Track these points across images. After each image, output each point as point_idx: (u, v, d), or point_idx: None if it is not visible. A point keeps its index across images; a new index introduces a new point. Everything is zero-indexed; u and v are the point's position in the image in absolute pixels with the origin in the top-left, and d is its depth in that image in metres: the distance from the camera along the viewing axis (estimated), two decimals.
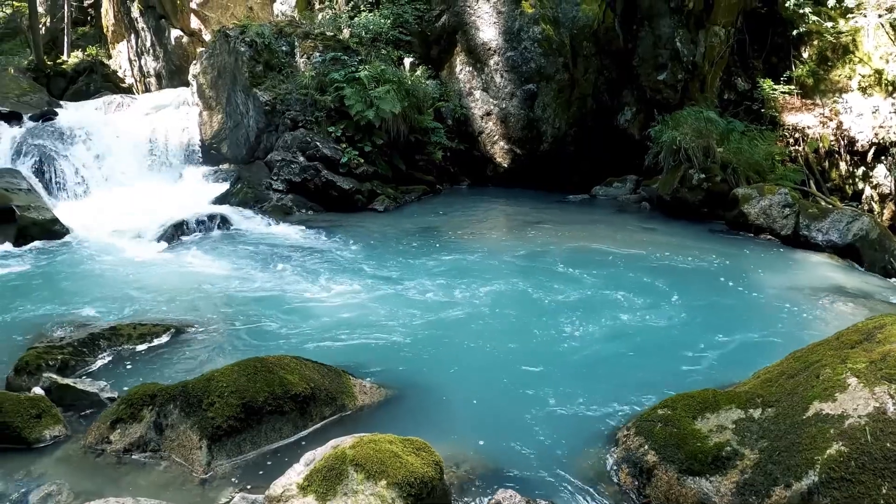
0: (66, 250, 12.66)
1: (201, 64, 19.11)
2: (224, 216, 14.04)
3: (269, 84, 17.36)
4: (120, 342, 7.82)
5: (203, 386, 5.75)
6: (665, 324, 8.54)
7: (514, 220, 14.68)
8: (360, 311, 8.97)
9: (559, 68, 16.85)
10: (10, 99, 21.81)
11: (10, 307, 9.50)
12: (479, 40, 17.48)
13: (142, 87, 29.44)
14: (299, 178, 15.53)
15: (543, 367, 7.29)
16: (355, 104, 16.00)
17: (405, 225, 13.90)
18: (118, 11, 30.97)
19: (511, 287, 9.82)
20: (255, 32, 18.03)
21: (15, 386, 6.72)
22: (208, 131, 18.48)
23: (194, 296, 9.73)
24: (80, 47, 32.99)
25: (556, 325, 8.43)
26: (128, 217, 14.37)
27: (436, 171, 17.39)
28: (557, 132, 17.08)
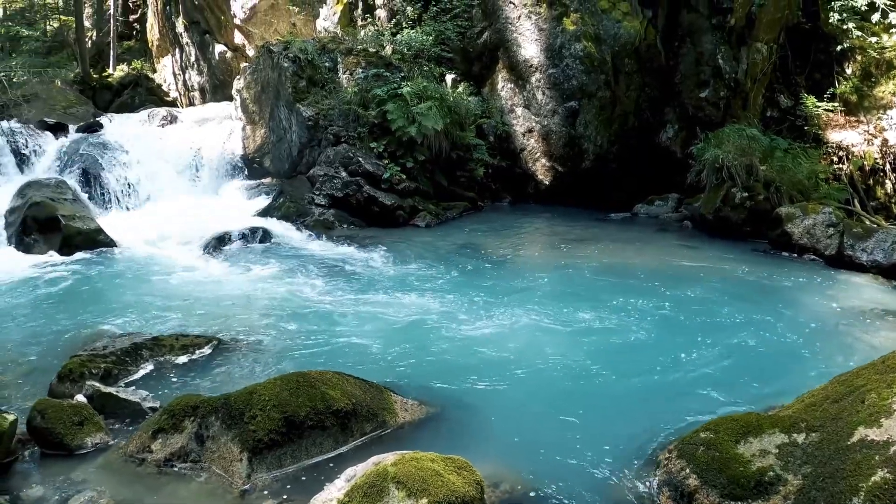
0: (109, 260, 12.84)
1: (245, 79, 19.28)
2: (266, 230, 14.15)
3: (312, 99, 17.47)
4: (162, 353, 7.89)
5: (245, 399, 5.78)
6: (706, 345, 8.46)
7: (555, 238, 14.61)
8: (401, 327, 8.99)
9: (601, 85, 16.77)
10: (56, 111, 22.08)
11: (54, 315, 9.66)
12: (520, 57, 17.46)
13: (186, 101, 29.69)
14: (341, 193, 15.60)
15: (584, 387, 7.26)
16: (398, 120, 16.05)
17: (446, 242, 13.89)
18: (163, 26, 31.28)
19: (551, 306, 9.75)
20: (298, 48, 18.15)
21: (58, 393, 6.80)
22: (251, 145, 18.62)
23: (236, 308, 9.81)
24: (126, 61, 33.33)
25: (596, 345, 8.40)
26: (171, 228, 14.50)
27: (477, 188, 17.35)
28: (599, 150, 17.01)
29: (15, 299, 10.49)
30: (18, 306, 10.18)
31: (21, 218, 13.74)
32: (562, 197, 17.38)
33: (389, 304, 9.92)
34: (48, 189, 14.73)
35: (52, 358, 7.98)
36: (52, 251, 13.12)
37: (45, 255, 12.99)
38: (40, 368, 7.74)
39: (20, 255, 13.19)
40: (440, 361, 7.87)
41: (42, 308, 10.03)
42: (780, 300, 10.30)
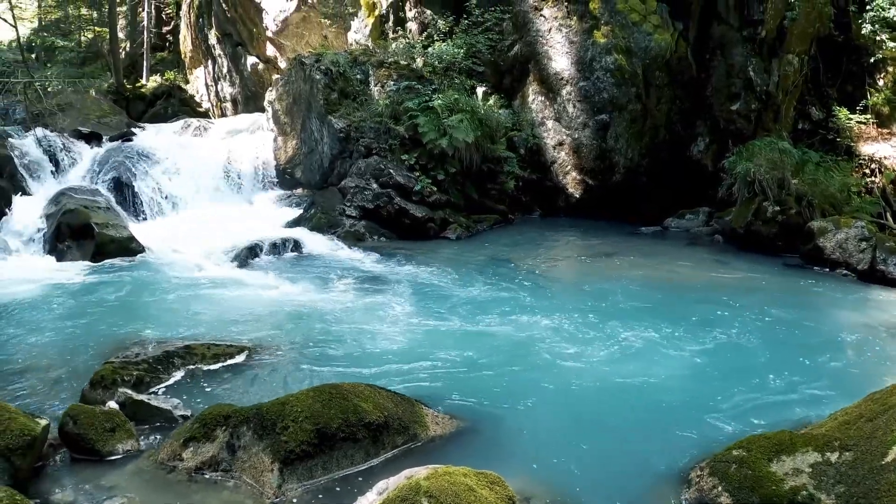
0: (141, 268, 12.90)
1: (277, 90, 19.39)
2: (297, 240, 14.20)
3: (343, 111, 17.54)
4: (194, 361, 7.91)
5: (278, 410, 5.80)
6: (738, 361, 8.41)
7: (586, 251, 14.60)
8: (431, 339, 8.97)
9: (632, 98, 16.75)
10: (90, 120, 22.24)
11: (87, 321, 9.72)
12: (551, 70, 17.47)
13: (218, 112, 29.87)
14: (372, 205, 15.65)
15: (614, 401, 7.23)
16: (429, 132, 16.08)
17: (477, 254, 13.90)
18: (196, 38, 31.49)
19: (581, 320, 9.73)
20: (330, 60, 18.24)
21: (90, 399, 6.83)
22: (283, 156, 18.72)
23: (267, 318, 9.83)
24: (159, 72, 33.57)
25: (625, 359, 8.36)
26: (202, 238, 14.60)
27: (508, 201, 17.33)
28: (630, 163, 16.98)
29: (48, 305, 10.56)
30: (51, 312, 10.24)
31: (55, 224, 13.87)
32: (592, 210, 17.34)
33: (420, 316, 9.92)
34: (82, 197, 14.86)
35: (84, 364, 8.04)
36: (84, 258, 13.24)
37: (78, 262, 13.11)
38: (72, 374, 7.79)
39: (53, 261, 13.36)
40: (471, 374, 7.85)
41: (74, 314, 10.08)
42: (812, 316, 10.23)
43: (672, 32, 16.77)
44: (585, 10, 16.95)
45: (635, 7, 16.65)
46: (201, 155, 18.92)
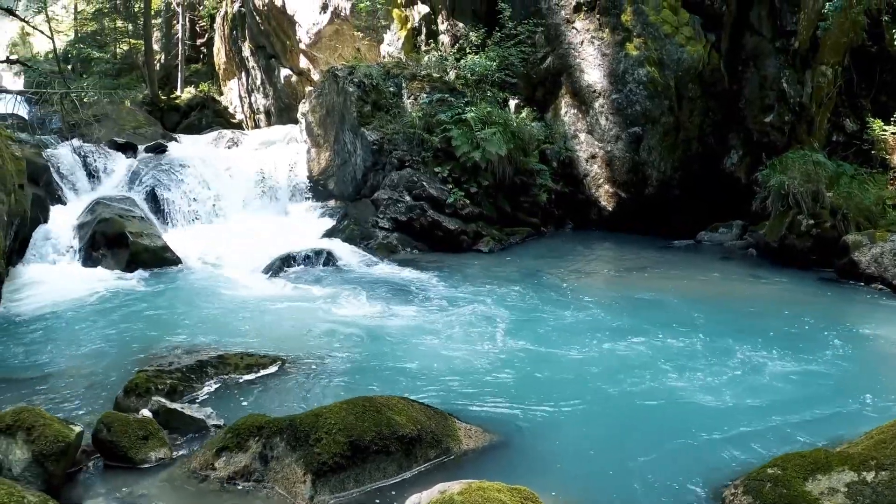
0: (175, 277, 13.03)
1: (310, 102, 19.48)
2: (330, 252, 14.19)
3: (376, 123, 17.58)
4: (227, 371, 7.95)
5: (311, 421, 5.80)
6: (772, 377, 8.31)
7: (619, 265, 14.54)
8: (464, 352, 8.94)
9: (664, 111, 16.67)
10: (126, 131, 22.44)
11: (121, 329, 9.82)
12: (583, 82, 17.43)
13: (252, 123, 30.06)
14: (405, 217, 15.65)
15: (648, 417, 7.18)
16: (462, 145, 16.09)
17: (510, 267, 13.86)
18: (230, 50, 31.72)
19: (614, 334, 9.67)
20: (363, 73, 18.30)
21: (124, 406, 6.88)
22: (316, 168, 18.80)
23: (300, 329, 9.86)
24: (193, 83, 33.86)
25: (659, 375, 8.28)
26: (235, 248, 14.67)
27: (540, 214, 17.28)
28: (663, 176, 16.89)
29: (83, 312, 10.69)
30: (86, 319, 10.36)
31: (90, 233, 13.99)
32: (625, 223, 17.26)
33: (452, 328, 9.90)
34: (117, 206, 14.98)
35: (117, 371, 8.11)
36: (118, 267, 13.35)
37: (113, 271, 13.21)
38: (106, 381, 7.86)
39: (88, 269, 13.46)
40: (504, 387, 7.81)
41: (108, 322, 10.18)
42: (848, 332, 10.09)
43: (704, 44, 16.65)
44: (618, 22, 16.89)
45: (668, 19, 16.59)
46: (235, 166, 19.06)
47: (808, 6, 16.17)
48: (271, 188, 18.71)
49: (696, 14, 16.75)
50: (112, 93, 26.80)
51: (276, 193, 18.67)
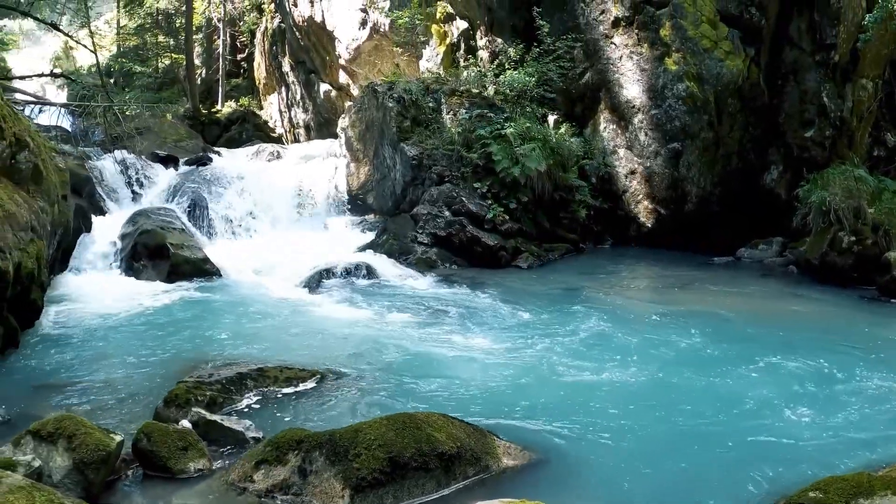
0: (214, 289, 13.08)
1: (350, 117, 19.58)
2: (370, 266, 14.17)
3: (416, 139, 17.62)
4: (266, 384, 7.92)
5: (351, 436, 5.78)
6: (813, 399, 8.15)
7: (658, 282, 14.43)
8: (502, 368, 8.87)
9: (704, 126, 16.53)
10: (167, 144, 22.71)
11: (160, 339, 9.86)
12: (622, 98, 17.37)
13: (291, 138, 30.29)
14: (444, 233, 15.63)
15: (688, 438, 7.07)
16: (501, 161, 16.08)
17: (549, 284, 13.77)
18: (270, 66, 32.00)
19: (654, 353, 9.58)
20: (402, 88, 18.37)
21: (164, 417, 6.89)
22: (355, 182, 18.88)
23: (339, 343, 9.84)
24: (234, 98, 34.21)
25: (698, 394, 8.16)
26: (275, 261, 14.74)
27: (579, 230, 17.22)
28: (702, 192, 16.77)
29: (123, 322, 10.76)
30: (127, 329, 10.44)
31: (131, 244, 14.14)
32: (664, 239, 17.17)
33: (492, 344, 9.84)
34: (158, 218, 15.12)
35: (157, 381, 8.14)
36: (159, 278, 13.46)
37: (153, 282, 13.32)
38: (146, 391, 7.88)
39: (129, 280, 13.61)
40: (543, 405, 7.73)
41: (149, 332, 10.25)
42: (890, 352, 9.95)
43: (744, 58, 16.48)
44: (656, 37, 16.81)
45: (706, 33, 16.47)
46: (275, 179, 19.21)
47: (847, 18, 16.03)
48: (311, 202, 18.81)
49: (734, 28, 16.57)
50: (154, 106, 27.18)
51: (315, 207, 18.78)
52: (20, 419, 7.02)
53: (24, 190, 10.07)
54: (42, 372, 8.64)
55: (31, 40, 48.52)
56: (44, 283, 10.44)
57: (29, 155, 10.22)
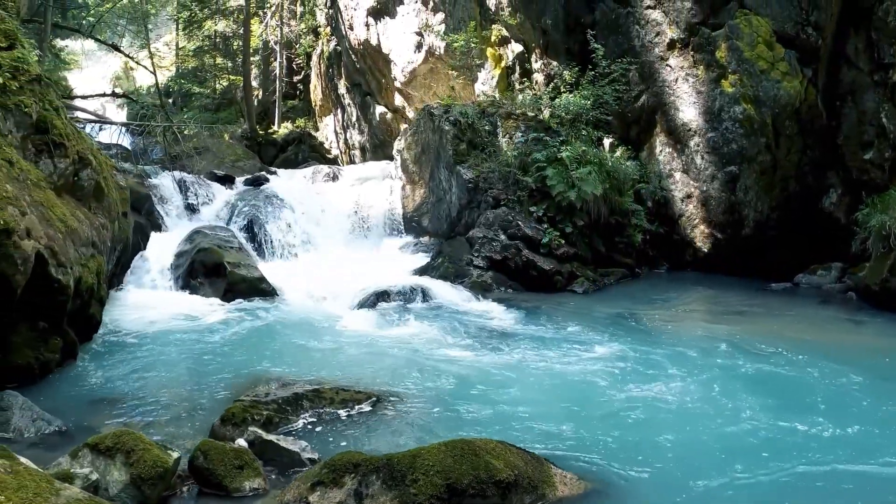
0: (270, 308, 13.14)
1: (406, 140, 19.67)
2: (425, 289, 14.13)
3: (472, 162, 17.65)
4: (322, 405, 7.92)
5: (408, 462, 5.75)
6: (874, 432, 7.97)
7: (714, 309, 14.25)
8: (559, 395, 8.80)
9: (761, 149, 16.32)
10: (225, 163, 23.00)
11: (217, 357, 9.96)
12: (678, 121, 17.26)
13: (347, 159, 30.50)
14: (500, 256, 15.56)
15: (747, 469, 6.90)
16: (557, 185, 16.03)
17: (605, 309, 13.60)
18: (326, 88, 32.27)
19: (713, 382, 9.37)
20: (458, 111, 18.43)
21: (220, 435, 6.93)
22: (410, 204, 18.94)
23: (395, 366, 9.81)
24: (290, 119, 34.58)
25: (758, 426, 7.96)
26: (331, 281, 14.79)
27: (635, 254, 17.10)
28: (760, 216, 16.54)
29: (181, 339, 10.89)
30: (184, 346, 10.57)
31: (189, 262, 14.30)
32: (720, 265, 16.98)
33: (547, 370, 9.75)
34: (215, 236, 15.27)
35: (212, 399, 8.20)
36: (216, 295, 13.59)
37: (210, 299, 13.48)
38: (202, 408, 7.95)
39: (186, 297, 13.75)
40: (599, 433, 7.61)
41: (205, 349, 10.35)
42: None
43: (801, 79, 16.25)
44: (712, 59, 16.71)
45: (763, 55, 16.31)
46: (331, 200, 19.39)
47: None
48: (366, 223, 18.91)
49: (791, 48, 16.37)
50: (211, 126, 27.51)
51: (370, 228, 18.91)
52: (77, 431, 7.14)
53: (85, 206, 10.24)
54: (99, 385, 8.76)
55: (92, 60, 49.41)
56: (103, 298, 10.58)
57: (91, 173, 10.39)
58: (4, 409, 7.10)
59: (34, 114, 9.58)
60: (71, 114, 15.08)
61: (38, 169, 9.51)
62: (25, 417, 7.10)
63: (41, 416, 7.19)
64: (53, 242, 8.65)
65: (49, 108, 9.90)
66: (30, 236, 8.11)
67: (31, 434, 6.98)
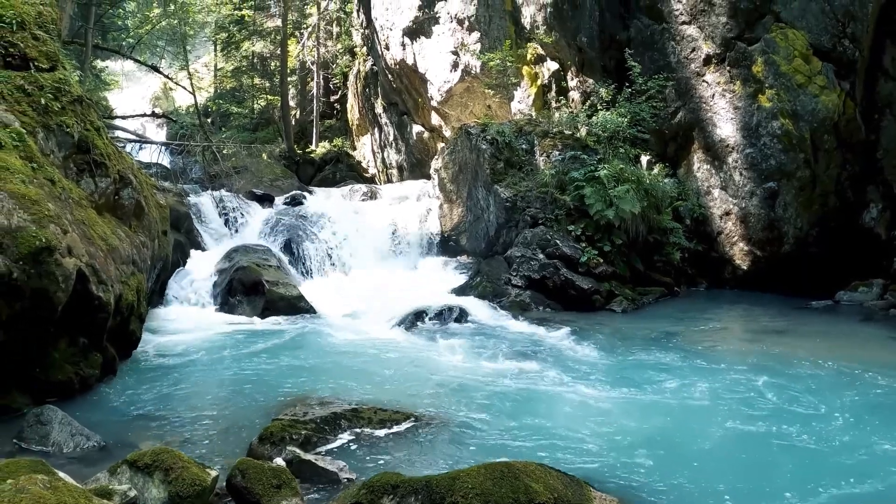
0: (308, 327, 13.22)
1: (443, 159, 19.72)
2: (463, 308, 14.09)
3: (509, 181, 17.66)
4: (360, 425, 7.89)
5: (448, 484, 5.72)
6: None
7: (755, 328, 14.02)
8: (597, 416, 8.69)
9: (800, 164, 16.17)
10: (264, 182, 23.21)
11: (255, 375, 9.99)
12: (716, 137, 17.15)
13: (384, 178, 30.57)
14: (538, 275, 15.52)
15: (792, 494, 6.81)
16: (595, 203, 15.98)
17: (643, 328, 13.47)
18: (363, 107, 32.41)
19: (756, 403, 9.24)
20: (495, 131, 18.46)
21: (258, 453, 6.93)
22: (448, 223, 18.96)
23: (433, 386, 9.78)
24: (327, 138, 34.78)
25: (803, 450, 7.77)
26: (368, 300, 14.85)
27: (673, 272, 17.02)
28: (799, 232, 16.38)
29: (219, 356, 10.98)
30: (222, 363, 10.65)
31: (228, 280, 14.43)
32: (760, 282, 16.80)
33: (586, 391, 9.64)
34: (254, 254, 15.39)
35: (251, 417, 8.21)
36: (254, 313, 13.69)
37: (248, 317, 13.60)
38: (240, 426, 7.95)
39: (224, 314, 13.90)
40: (641, 456, 7.51)
41: (243, 367, 10.40)
42: None
43: (839, 93, 16.14)
44: (749, 73, 16.61)
45: (800, 68, 16.18)
46: (369, 219, 19.48)
47: None
48: (403, 242, 18.95)
49: (828, 62, 16.27)
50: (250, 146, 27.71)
51: (407, 247, 18.92)
52: (116, 447, 7.19)
53: (126, 225, 10.35)
54: (138, 401, 8.82)
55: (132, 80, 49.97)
56: (142, 315, 10.69)
57: (132, 192, 10.50)
58: (44, 424, 7.17)
59: (76, 134, 9.70)
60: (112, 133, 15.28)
61: (79, 188, 9.63)
62: (65, 432, 7.16)
63: (80, 431, 7.25)
64: (94, 260, 8.75)
65: (90, 128, 10.04)
66: (71, 254, 8.20)
67: (70, 449, 7.04)
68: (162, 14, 36.64)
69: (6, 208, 7.69)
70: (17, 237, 7.59)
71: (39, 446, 6.99)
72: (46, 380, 8.29)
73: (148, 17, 38.79)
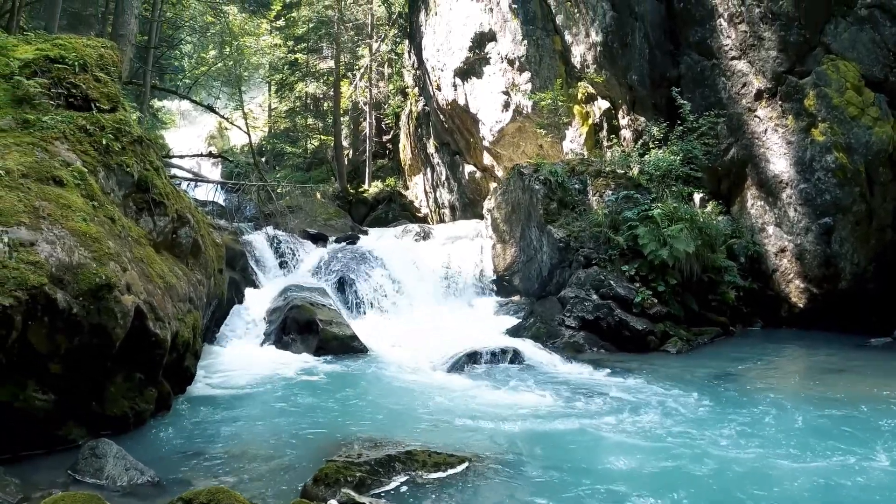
0: (361, 366, 13.23)
1: (496, 199, 19.77)
2: (517, 350, 13.93)
3: (562, 221, 17.68)
4: (414, 467, 7.82)
5: None
6: None
7: (814, 368, 13.86)
8: (655, 460, 8.55)
9: (856, 199, 15.91)
10: (317, 222, 23.42)
11: (308, 414, 10.00)
12: (769, 173, 17.02)
13: (436, 218, 30.68)
14: (592, 316, 15.40)
15: None
16: (649, 243, 15.89)
17: (699, 370, 13.26)
18: (415, 147, 32.64)
19: (814, 447, 9.00)
20: (548, 171, 18.49)
21: (312, 494, 6.90)
22: (501, 264, 18.98)
23: (487, 429, 9.65)
24: (380, 178, 35.09)
25: (869, 495, 7.65)
26: (422, 340, 14.82)
27: (728, 312, 16.78)
28: (856, 268, 16.08)
29: (272, 394, 11.04)
30: (275, 401, 10.69)
31: (282, 318, 14.54)
32: (817, 320, 16.54)
33: (642, 434, 9.50)
34: (308, 293, 15.52)
35: (304, 456, 8.21)
36: (307, 352, 13.77)
37: (302, 355, 13.66)
38: (293, 465, 7.96)
39: (278, 352, 13.98)
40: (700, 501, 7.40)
41: (296, 406, 10.44)
42: None
43: (893, 124, 15.91)
44: (801, 107, 16.47)
45: (852, 100, 15.99)
46: (422, 259, 19.52)
47: None
48: (456, 282, 18.97)
49: (880, 92, 16.08)
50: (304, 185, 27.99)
51: (460, 287, 18.95)
52: (169, 483, 7.24)
53: (183, 263, 10.49)
54: (192, 437, 8.89)
55: (188, 120, 50.71)
56: (197, 352, 10.79)
57: (189, 230, 10.65)
58: (99, 457, 7.25)
59: (136, 173, 9.87)
60: (168, 171, 15.51)
61: (138, 226, 9.79)
62: (119, 466, 7.22)
63: (134, 466, 7.31)
64: (152, 298, 8.87)
65: (149, 168, 10.21)
66: (130, 291, 8.33)
67: (123, 483, 7.10)
68: (217, 56, 37.27)
69: (68, 245, 7.84)
70: (77, 274, 7.73)
71: (93, 479, 7.06)
72: (102, 413, 8.38)
73: (204, 58, 39.51)
